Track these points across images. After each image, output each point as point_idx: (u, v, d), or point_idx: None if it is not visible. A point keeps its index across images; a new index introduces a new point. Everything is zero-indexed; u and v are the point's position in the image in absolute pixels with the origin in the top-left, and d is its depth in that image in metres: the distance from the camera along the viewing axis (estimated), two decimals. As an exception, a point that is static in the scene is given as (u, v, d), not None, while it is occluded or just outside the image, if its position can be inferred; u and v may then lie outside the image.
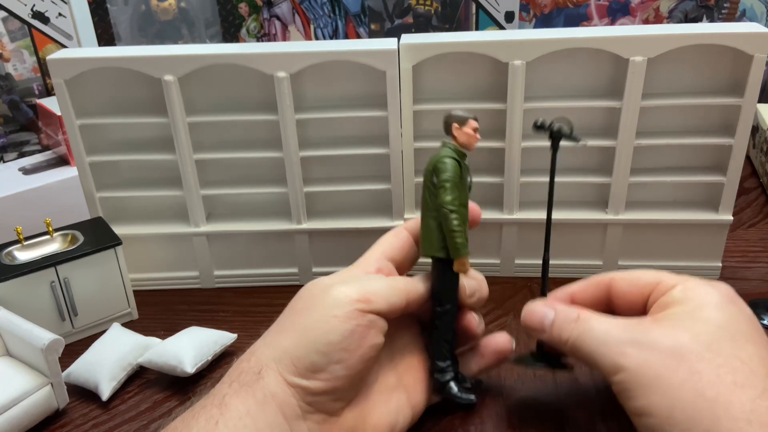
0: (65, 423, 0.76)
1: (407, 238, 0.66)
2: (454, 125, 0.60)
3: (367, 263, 0.63)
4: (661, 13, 1.56)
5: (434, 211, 0.58)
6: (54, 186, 1.19)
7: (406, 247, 0.66)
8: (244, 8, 1.70)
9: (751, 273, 1.00)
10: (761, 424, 0.46)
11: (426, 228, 0.59)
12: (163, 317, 0.96)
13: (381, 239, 0.66)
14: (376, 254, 0.64)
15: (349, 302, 0.55)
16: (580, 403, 0.76)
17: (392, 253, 0.65)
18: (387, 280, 0.59)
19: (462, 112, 0.62)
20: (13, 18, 1.33)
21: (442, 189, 0.57)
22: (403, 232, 0.66)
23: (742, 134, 0.90)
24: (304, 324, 0.55)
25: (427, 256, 0.61)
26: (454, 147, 0.61)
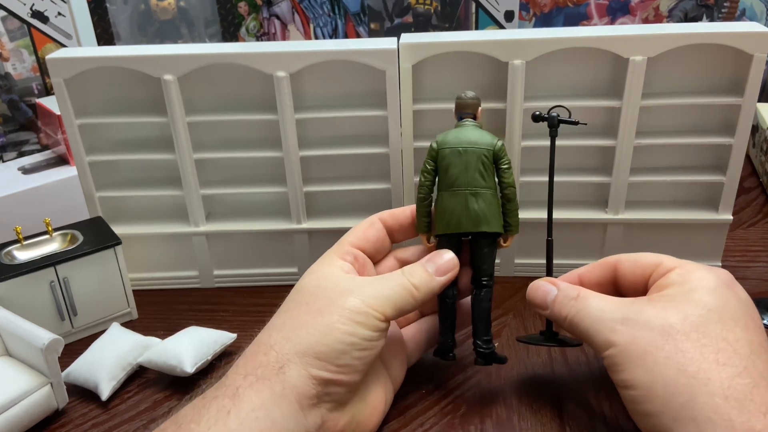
0: (65, 423, 0.76)
1: (381, 229, 0.66)
2: (479, 108, 0.64)
3: (343, 252, 0.63)
4: (660, 13, 1.56)
5: (491, 189, 0.61)
6: (53, 185, 1.19)
7: (380, 238, 0.66)
8: (244, 7, 1.69)
9: (751, 272, 1.00)
10: (737, 401, 0.49)
11: (488, 205, 0.60)
12: (163, 317, 0.96)
13: (354, 228, 0.66)
14: (348, 243, 0.64)
15: (369, 313, 0.58)
16: (580, 402, 0.76)
17: (366, 244, 0.65)
18: (401, 286, 0.60)
19: (474, 93, 0.66)
20: (12, 17, 1.33)
21: (509, 170, 0.61)
22: (377, 223, 0.66)
23: (742, 133, 0.90)
24: (327, 323, 0.57)
25: (478, 232, 0.62)
26: (480, 125, 0.64)
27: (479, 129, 0.62)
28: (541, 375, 0.80)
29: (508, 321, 0.91)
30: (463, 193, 0.60)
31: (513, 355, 0.84)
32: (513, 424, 0.73)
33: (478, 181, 0.60)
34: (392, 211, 0.66)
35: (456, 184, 0.60)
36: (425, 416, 0.74)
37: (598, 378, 0.79)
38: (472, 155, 0.60)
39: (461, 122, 0.63)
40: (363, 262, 0.64)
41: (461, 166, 0.60)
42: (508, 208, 0.62)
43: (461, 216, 0.60)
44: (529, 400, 0.76)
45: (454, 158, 0.61)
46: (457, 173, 0.60)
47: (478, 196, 0.60)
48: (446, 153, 0.61)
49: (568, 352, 0.84)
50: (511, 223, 0.64)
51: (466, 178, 0.60)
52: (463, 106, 0.64)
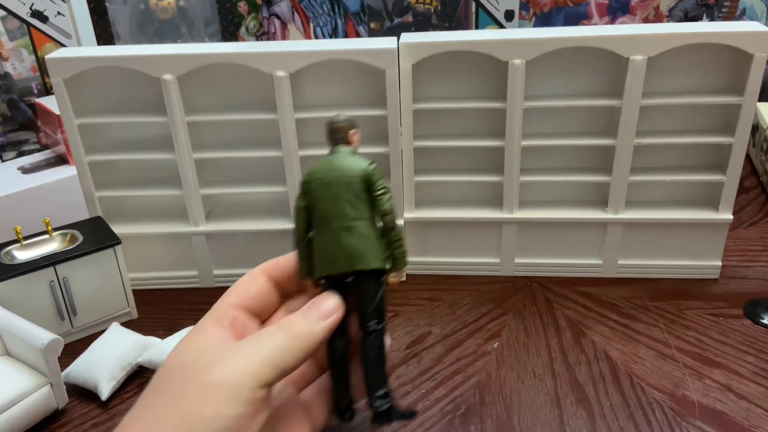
0: (64, 423, 0.76)
1: (265, 283, 0.57)
2: (351, 131, 0.56)
3: (220, 317, 0.54)
4: (661, 12, 1.56)
5: (366, 220, 0.53)
6: (53, 185, 1.19)
7: (264, 292, 0.57)
8: (244, 7, 1.69)
9: (751, 272, 1.00)
10: None
11: (362, 239, 0.52)
12: (163, 317, 0.96)
13: (235, 285, 0.57)
14: (228, 304, 0.55)
15: (239, 384, 0.47)
16: (580, 402, 0.76)
17: (248, 302, 0.56)
18: (278, 342, 0.50)
19: (346, 116, 0.57)
20: (11, 17, 1.33)
21: (385, 195, 0.53)
22: (260, 277, 0.57)
23: (742, 133, 0.90)
24: (188, 410, 0.47)
25: (355, 270, 0.52)
26: (355, 151, 0.56)
27: (352, 155, 0.54)
28: (541, 375, 0.80)
29: (508, 321, 0.91)
30: (334, 229, 0.52)
31: (513, 355, 0.84)
32: (513, 424, 0.73)
33: (349, 212, 0.52)
34: (275, 261, 0.58)
35: (326, 219, 0.53)
36: (425, 416, 0.74)
37: (598, 378, 0.79)
38: (341, 185, 0.53)
39: (333, 149, 0.55)
40: (244, 324, 0.54)
41: (329, 198, 0.53)
42: (389, 238, 0.53)
43: (334, 255, 0.52)
44: (529, 400, 0.76)
45: (321, 191, 0.53)
46: (326, 207, 0.53)
47: (351, 230, 0.52)
48: (314, 186, 0.53)
49: (568, 352, 0.84)
50: (395, 255, 0.53)
51: (336, 211, 0.52)
52: (334, 131, 0.55)
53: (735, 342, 0.85)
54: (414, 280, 1.02)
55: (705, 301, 0.94)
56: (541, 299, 0.96)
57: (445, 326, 0.90)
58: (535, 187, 0.99)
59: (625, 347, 0.85)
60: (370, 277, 0.53)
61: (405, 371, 0.82)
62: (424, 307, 0.95)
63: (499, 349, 0.85)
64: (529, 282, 1.00)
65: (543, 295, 0.96)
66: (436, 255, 1.02)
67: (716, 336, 0.86)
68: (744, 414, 0.73)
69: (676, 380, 0.78)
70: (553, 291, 0.97)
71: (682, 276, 0.99)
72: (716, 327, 0.88)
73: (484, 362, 0.83)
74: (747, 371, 0.80)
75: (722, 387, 0.77)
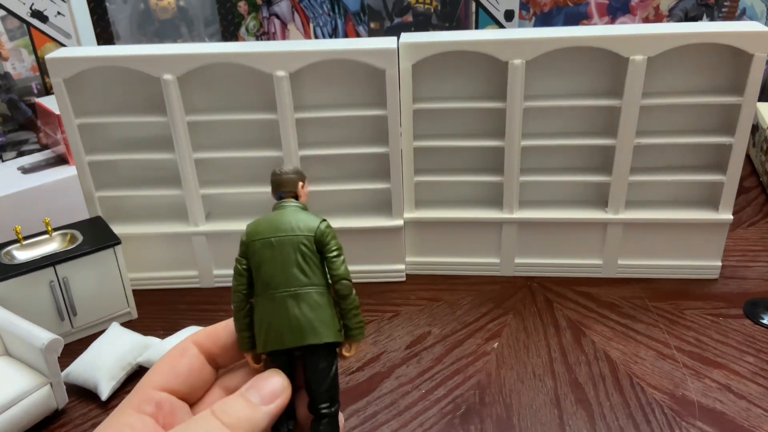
0: (64, 423, 0.76)
1: (197, 357, 0.47)
2: (300, 183, 0.49)
3: (141, 402, 0.45)
4: (661, 12, 1.55)
5: (321, 286, 0.46)
6: (53, 185, 1.18)
7: (196, 369, 0.47)
8: (244, 7, 1.69)
9: (751, 272, 1.00)
10: None
11: (313, 308, 0.46)
12: (163, 317, 0.96)
13: (160, 361, 0.47)
14: (153, 386, 0.46)
15: None
16: (580, 402, 0.76)
17: (176, 381, 0.46)
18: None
19: (293, 166, 0.51)
20: (11, 17, 1.33)
21: (339, 258, 0.46)
22: (191, 349, 0.47)
23: (742, 133, 0.90)
24: None
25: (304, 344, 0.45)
26: (304, 206, 0.50)
27: (301, 211, 0.47)
28: (541, 375, 0.80)
29: (508, 321, 0.91)
30: (280, 297, 0.45)
31: (513, 356, 0.84)
32: (513, 424, 0.73)
33: (298, 278, 0.45)
34: (210, 330, 0.49)
35: (271, 285, 0.45)
36: (425, 416, 0.74)
37: (598, 378, 0.79)
38: (288, 246, 0.46)
39: (279, 204, 0.49)
40: (171, 410, 0.46)
41: (275, 262, 0.46)
42: (343, 307, 0.46)
43: (281, 327, 0.45)
44: (529, 400, 0.76)
45: (266, 253, 0.46)
46: (271, 272, 0.46)
47: (300, 298, 0.45)
48: (257, 247, 0.46)
49: (568, 352, 0.84)
50: (350, 326, 0.46)
51: (282, 276, 0.45)
52: (280, 184, 0.49)
53: (735, 342, 0.85)
54: (414, 280, 1.02)
55: (705, 301, 0.94)
56: (541, 299, 0.96)
57: (445, 326, 0.90)
58: (535, 187, 0.99)
59: (625, 347, 0.85)
60: (321, 352, 0.45)
61: (405, 371, 0.82)
62: (424, 307, 0.95)
63: (499, 349, 0.85)
64: (529, 282, 1.00)
65: (543, 295, 0.96)
66: (436, 255, 1.02)
67: (716, 336, 0.86)
68: (744, 414, 0.73)
69: (676, 380, 0.78)
70: (553, 291, 0.97)
71: (682, 276, 0.99)
72: (716, 327, 0.88)
73: (484, 362, 0.83)
74: (747, 371, 0.80)
75: (722, 387, 0.77)
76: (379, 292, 0.99)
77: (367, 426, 0.74)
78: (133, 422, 0.43)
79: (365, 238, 0.99)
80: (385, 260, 1.00)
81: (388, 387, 0.79)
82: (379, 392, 0.79)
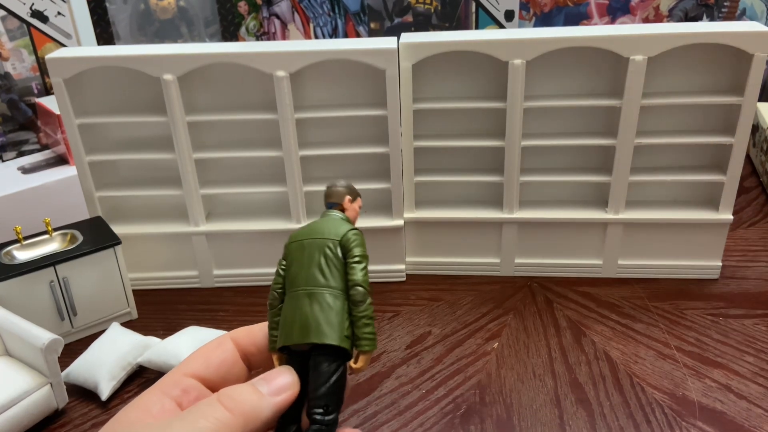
0: (65, 423, 0.76)
1: (232, 351, 0.49)
2: (348, 197, 0.51)
3: (169, 385, 0.46)
4: (661, 12, 1.55)
5: (337, 290, 0.46)
6: (53, 185, 1.18)
7: (229, 362, 0.49)
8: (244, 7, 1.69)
9: (751, 272, 1.00)
10: None
11: (323, 309, 0.46)
12: (163, 317, 0.96)
13: (197, 350, 0.49)
14: (184, 372, 0.47)
15: None
16: (580, 402, 0.76)
17: (208, 370, 0.48)
18: (213, 417, 0.42)
19: (347, 182, 0.53)
20: (12, 17, 1.33)
21: (359, 265, 0.47)
22: (227, 343, 0.49)
23: (743, 133, 0.90)
24: None
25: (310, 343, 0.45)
26: (348, 219, 0.51)
27: (341, 220, 0.49)
28: (541, 375, 0.80)
29: (508, 321, 0.91)
30: (299, 295, 0.46)
31: (513, 355, 0.84)
32: (513, 424, 0.73)
33: (317, 278, 0.47)
34: (247, 328, 0.50)
35: (295, 283, 0.47)
36: (425, 416, 0.74)
37: (598, 378, 0.79)
38: (315, 248, 0.48)
39: (324, 212, 0.52)
40: (197, 396, 0.47)
41: (302, 262, 0.48)
42: (355, 314, 0.46)
43: (293, 323, 0.45)
44: (529, 400, 0.76)
45: (297, 253, 0.48)
46: (297, 271, 0.47)
47: (314, 297, 0.46)
48: (292, 248, 0.49)
49: (568, 352, 0.84)
50: (360, 335, 0.45)
51: (304, 275, 0.47)
52: (328, 195, 0.52)
53: (735, 342, 0.85)
54: (414, 280, 1.02)
55: (705, 301, 0.94)
56: (541, 299, 0.96)
57: (445, 326, 0.90)
58: (535, 187, 0.99)
59: (625, 347, 0.85)
60: (325, 354, 0.45)
61: (405, 371, 0.82)
62: (424, 307, 0.95)
63: (499, 349, 0.85)
64: (529, 282, 1.00)
65: (543, 295, 0.96)
66: (436, 255, 1.02)
67: (716, 336, 0.86)
68: (744, 414, 0.73)
69: (676, 380, 0.78)
70: (553, 291, 0.97)
71: (682, 276, 0.99)
72: (716, 327, 0.88)
73: (484, 362, 0.83)
74: (747, 371, 0.80)
75: (722, 387, 0.77)
76: (379, 292, 0.99)
77: (367, 426, 0.74)
78: (152, 404, 0.44)
79: (365, 238, 0.98)
80: (385, 260, 1.00)
81: (388, 387, 0.79)
82: (379, 392, 0.79)
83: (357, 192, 0.52)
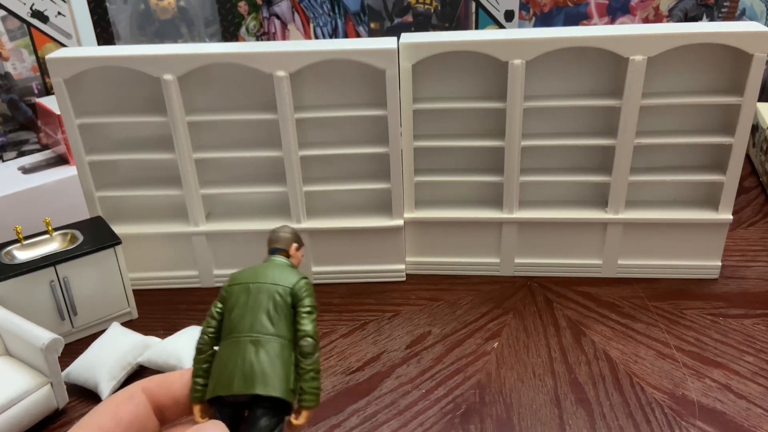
0: (65, 422, 0.76)
1: (144, 405, 0.44)
2: (295, 245, 0.49)
3: None
4: (660, 12, 1.56)
5: (285, 339, 0.44)
6: (53, 185, 1.19)
7: (141, 418, 0.43)
8: (244, 7, 1.69)
9: (751, 272, 1.00)
10: None
11: (270, 358, 0.43)
12: (163, 316, 0.96)
13: (102, 404, 0.43)
14: (87, 428, 0.42)
15: None
16: (580, 402, 0.76)
17: (117, 428, 0.42)
18: None
19: (291, 229, 0.50)
20: (12, 17, 1.33)
21: (310, 315, 0.44)
22: (138, 396, 0.44)
23: (742, 133, 0.90)
24: None
25: (252, 395, 0.42)
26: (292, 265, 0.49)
27: (288, 267, 0.47)
28: (541, 374, 0.80)
29: (508, 321, 0.91)
30: (243, 341, 0.43)
31: (513, 355, 0.84)
32: (513, 424, 0.73)
33: (264, 325, 0.43)
34: (162, 378, 0.45)
35: (237, 329, 0.44)
36: (425, 416, 0.75)
37: (598, 378, 0.79)
38: (263, 293, 0.45)
39: (268, 257, 0.49)
40: None
41: (246, 306, 0.44)
42: (303, 366, 0.43)
43: (234, 371, 0.42)
44: (529, 400, 0.76)
45: (240, 297, 0.45)
46: (241, 315, 0.44)
47: (260, 345, 0.43)
48: (234, 291, 0.45)
49: (568, 352, 0.84)
50: (305, 389, 0.42)
51: (249, 321, 0.44)
52: (273, 240, 0.49)
53: (734, 342, 0.85)
54: (414, 280, 1.02)
55: (705, 301, 0.94)
56: (541, 299, 0.96)
57: (445, 326, 0.90)
58: (535, 187, 0.99)
59: (625, 347, 0.85)
60: (265, 407, 0.42)
61: (405, 371, 0.82)
62: (424, 307, 0.95)
63: (499, 349, 0.85)
64: (529, 282, 1.00)
65: (543, 295, 0.97)
66: (436, 255, 1.02)
67: (716, 336, 0.86)
68: (744, 414, 0.73)
69: (676, 380, 0.79)
70: (553, 291, 0.97)
71: (681, 276, 0.99)
72: (716, 327, 0.88)
73: (484, 362, 0.83)
74: (746, 371, 0.80)
75: (722, 387, 0.77)
76: (379, 292, 0.99)
77: (367, 426, 0.74)
78: None
79: (365, 238, 0.99)
80: (385, 260, 1.00)
81: (388, 386, 0.79)
82: (379, 392, 0.79)
83: (302, 240, 0.49)
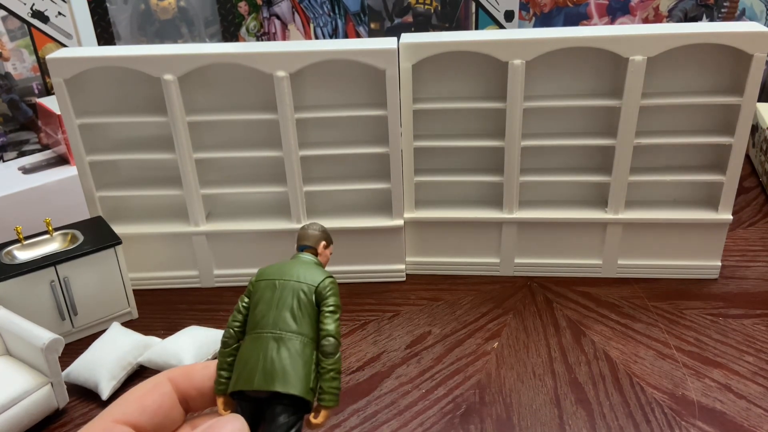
0: (65, 422, 0.76)
1: (170, 395, 0.44)
2: (323, 243, 0.49)
3: (100, 430, 0.42)
4: (660, 12, 1.56)
5: (307, 337, 0.44)
6: (54, 185, 1.19)
7: (166, 406, 0.44)
8: (244, 7, 1.69)
9: (751, 272, 1.00)
10: None
11: (291, 356, 0.43)
12: (163, 316, 0.96)
13: (129, 392, 0.44)
14: (115, 418, 0.43)
15: None
16: (580, 402, 0.76)
17: (141, 416, 0.43)
18: None
19: (321, 226, 0.50)
20: (12, 17, 1.33)
21: (334, 315, 0.44)
22: (165, 386, 0.44)
23: (742, 133, 0.90)
24: None
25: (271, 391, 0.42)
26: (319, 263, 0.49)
27: (314, 265, 0.47)
28: (541, 374, 0.80)
29: (508, 321, 0.91)
30: (265, 337, 0.43)
31: (513, 355, 0.84)
32: (513, 424, 0.73)
33: (287, 323, 0.44)
34: (187, 368, 0.46)
35: (260, 324, 0.44)
36: (425, 416, 0.75)
37: (598, 378, 0.79)
38: (288, 290, 0.45)
39: (296, 254, 0.49)
40: None
41: (271, 302, 0.45)
42: (323, 366, 0.43)
43: (255, 367, 0.42)
44: (529, 400, 0.76)
45: (266, 293, 0.45)
46: (264, 311, 0.44)
47: (282, 342, 0.43)
48: (260, 286, 0.45)
49: (568, 352, 0.84)
50: (325, 389, 0.43)
51: (273, 317, 0.44)
52: (302, 238, 0.49)
53: (734, 342, 0.85)
54: (414, 280, 1.02)
55: (705, 301, 0.94)
56: (541, 299, 0.96)
57: (445, 326, 0.90)
58: (535, 187, 0.99)
59: (624, 347, 0.85)
60: (285, 405, 0.42)
61: (405, 371, 0.82)
62: (424, 307, 0.95)
63: (499, 349, 0.85)
64: (529, 282, 1.00)
65: (543, 295, 0.97)
66: (436, 255, 1.02)
67: (716, 336, 0.86)
68: (744, 414, 0.73)
69: (676, 380, 0.79)
70: (553, 291, 0.98)
71: (681, 276, 0.99)
72: (716, 327, 0.88)
73: (484, 362, 0.83)
74: (746, 371, 0.80)
75: (722, 387, 0.77)
76: (379, 292, 0.99)
77: (367, 426, 0.74)
78: None
79: (365, 238, 0.99)
80: (385, 260, 1.00)
81: (388, 386, 0.79)
82: (379, 392, 0.79)
83: (331, 238, 0.49)
